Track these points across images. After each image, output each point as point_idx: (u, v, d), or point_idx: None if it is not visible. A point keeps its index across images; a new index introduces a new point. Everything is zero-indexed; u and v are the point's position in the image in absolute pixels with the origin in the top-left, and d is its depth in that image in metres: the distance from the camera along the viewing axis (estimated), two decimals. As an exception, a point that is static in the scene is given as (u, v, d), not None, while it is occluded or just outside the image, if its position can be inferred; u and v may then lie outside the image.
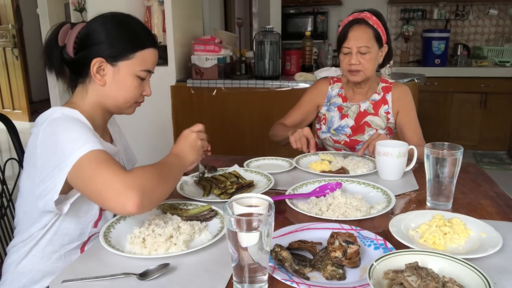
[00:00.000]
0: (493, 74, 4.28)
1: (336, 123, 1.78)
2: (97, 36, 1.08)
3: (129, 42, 1.09)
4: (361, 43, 1.62)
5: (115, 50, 1.08)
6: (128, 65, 1.10)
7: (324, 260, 0.83)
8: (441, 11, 4.73)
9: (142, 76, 1.12)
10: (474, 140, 4.44)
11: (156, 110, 2.92)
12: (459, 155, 1.10)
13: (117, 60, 1.09)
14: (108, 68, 1.09)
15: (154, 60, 1.16)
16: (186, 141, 1.10)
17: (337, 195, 1.13)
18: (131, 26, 1.12)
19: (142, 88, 1.15)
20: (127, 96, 1.13)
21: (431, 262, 0.77)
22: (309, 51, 3.09)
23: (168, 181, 1.00)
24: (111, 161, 0.94)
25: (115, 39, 1.08)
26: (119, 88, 1.11)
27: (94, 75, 1.08)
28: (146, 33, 1.15)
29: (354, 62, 1.63)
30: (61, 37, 1.09)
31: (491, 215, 1.09)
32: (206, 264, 0.87)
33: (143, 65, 1.12)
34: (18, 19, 5.85)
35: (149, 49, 1.13)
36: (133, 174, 0.92)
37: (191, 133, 1.11)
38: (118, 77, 1.10)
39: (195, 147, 1.10)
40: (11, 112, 5.96)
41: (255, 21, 5.18)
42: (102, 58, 1.07)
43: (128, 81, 1.11)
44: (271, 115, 2.72)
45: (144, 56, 1.12)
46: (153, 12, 3.00)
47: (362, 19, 1.64)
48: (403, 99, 1.73)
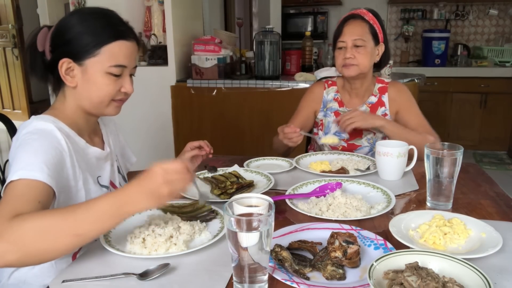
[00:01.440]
0: (493, 74, 4.28)
1: (333, 128, 1.74)
2: (63, 35, 1.03)
3: (92, 38, 1.02)
4: (355, 36, 1.59)
5: (79, 48, 1.02)
6: (95, 62, 1.03)
7: (324, 260, 0.83)
8: (441, 11, 4.73)
9: (114, 72, 1.04)
10: (474, 140, 4.44)
11: (156, 110, 2.93)
12: (459, 155, 1.10)
13: (82, 58, 1.02)
14: (77, 68, 1.03)
15: (127, 53, 1.06)
16: (148, 182, 0.82)
17: (337, 195, 1.13)
18: (95, 20, 1.04)
19: (119, 85, 1.08)
20: (100, 95, 1.06)
21: (431, 262, 0.77)
22: (309, 51, 3.09)
23: (67, 239, 0.79)
24: (18, 199, 0.85)
25: (78, 37, 1.02)
26: (90, 88, 1.05)
27: (63, 77, 1.04)
28: (113, 25, 1.05)
29: (349, 55, 1.59)
30: (40, 42, 1.05)
31: (491, 215, 1.09)
32: (206, 264, 0.87)
33: (112, 60, 1.03)
34: (18, 19, 5.85)
35: (117, 42, 1.03)
36: (10, 225, 0.77)
37: (159, 174, 0.82)
38: (87, 76, 1.04)
39: (156, 194, 0.82)
40: (11, 112, 5.96)
41: (255, 21, 5.18)
42: (68, 59, 1.02)
43: (98, 79, 1.04)
44: (271, 115, 2.73)
45: (112, 50, 1.03)
46: (153, 12, 3.01)
47: (358, 14, 1.63)
48: (400, 98, 1.69)
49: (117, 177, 1.24)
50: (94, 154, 1.13)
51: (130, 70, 1.10)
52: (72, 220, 0.80)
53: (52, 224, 0.79)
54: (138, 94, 3.17)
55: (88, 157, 1.11)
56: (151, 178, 0.82)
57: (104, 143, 1.22)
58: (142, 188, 0.82)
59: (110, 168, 1.20)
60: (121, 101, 1.12)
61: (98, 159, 1.15)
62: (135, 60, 1.11)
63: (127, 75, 1.09)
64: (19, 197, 0.86)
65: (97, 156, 1.14)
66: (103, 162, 1.18)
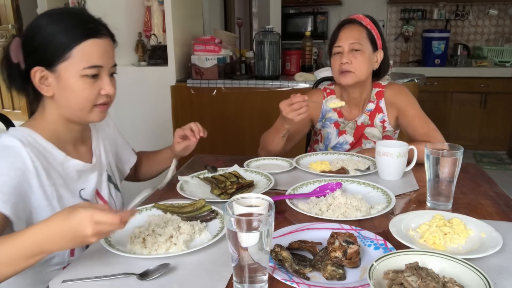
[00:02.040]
0: (493, 74, 4.28)
1: (333, 140, 1.70)
2: (31, 42, 0.97)
3: (61, 40, 0.95)
4: (352, 40, 1.52)
5: (48, 53, 0.95)
6: (67, 66, 0.96)
7: (324, 260, 0.83)
8: (441, 11, 4.73)
9: (89, 74, 0.97)
10: (474, 140, 4.45)
11: (156, 110, 2.92)
12: (459, 155, 1.10)
13: (53, 64, 0.96)
14: (50, 75, 0.97)
15: (100, 51, 0.99)
16: (74, 227, 0.75)
17: (337, 195, 1.13)
18: (62, 21, 0.97)
19: (98, 88, 1.00)
20: (78, 101, 0.99)
21: (431, 262, 0.77)
22: (309, 51, 3.09)
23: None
24: None
25: (46, 41, 0.95)
26: (67, 95, 0.98)
27: (38, 86, 0.98)
28: (82, 23, 0.98)
29: (345, 60, 1.52)
30: (13, 53, 0.98)
31: (491, 215, 1.09)
32: (206, 264, 0.86)
33: (86, 61, 0.97)
34: (18, 19, 5.85)
35: (88, 41, 0.97)
36: None
37: (88, 223, 0.75)
38: (62, 83, 0.97)
39: (79, 240, 0.76)
40: (11, 112, 5.95)
41: (255, 21, 5.18)
42: (40, 67, 0.96)
43: (74, 84, 0.97)
44: (271, 115, 2.71)
45: (84, 50, 0.96)
46: (153, 12, 3.00)
47: (355, 19, 1.57)
48: (397, 100, 1.61)
49: (105, 187, 1.18)
50: (76, 167, 1.07)
51: (108, 70, 1.02)
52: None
53: None
54: (138, 94, 3.19)
55: (68, 171, 1.05)
56: (78, 224, 0.75)
57: (93, 154, 1.16)
58: (66, 233, 0.76)
59: (98, 179, 1.15)
60: (105, 105, 1.05)
61: (80, 172, 1.09)
62: (112, 58, 1.04)
63: (105, 76, 1.02)
64: None
65: (78, 169, 1.08)
66: (87, 174, 1.12)
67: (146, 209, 1.11)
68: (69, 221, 0.76)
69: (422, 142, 1.40)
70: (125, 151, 1.37)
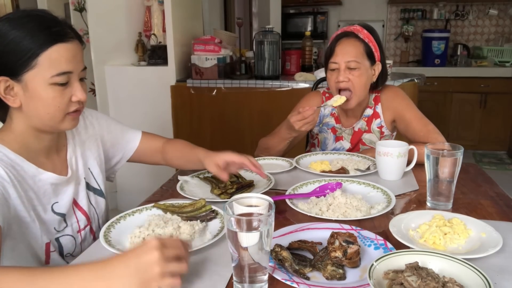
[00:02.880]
0: (492, 74, 4.28)
1: (330, 146, 1.69)
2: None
3: (24, 47, 0.88)
4: (349, 58, 1.48)
5: (12, 62, 0.88)
6: (34, 75, 0.90)
7: (324, 260, 0.83)
8: (441, 11, 4.73)
9: (58, 81, 0.91)
10: (474, 140, 4.45)
11: (156, 110, 2.92)
12: (459, 155, 1.10)
13: (19, 73, 0.89)
14: (16, 85, 0.91)
15: (68, 56, 0.92)
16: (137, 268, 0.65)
17: (337, 195, 1.13)
18: (24, 26, 0.89)
19: (68, 94, 0.94)
20: (49, 111, 0.93)
21: (431, 262, 0.77)
22: (309, 51, 3.09)
23: None
24: None
25: (8, 50, 0.88)
26: (36, 105, 0.92)
27: (3, 97, 0.91)
28: (46, 28, 0.90)
29: (342, 79, 1.48)
30: None
31: (491, 215, 1.09)
32: (206, 264, 0.86)
33: (54, 68, 0.90)
34: (18, 19, 5.84)
35: (54, 46, 0.90)
36: None
37: (155, 258, 0.65)
38: (29, 93, 0.91)
39: (145, 283, 0.65)
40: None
41: (255, 21, 5.18)
42: (4, 77, 0.89)
43: (42, 93, 0.91)
44: (271, 115, 2.73)
45: (51, 57, 0.90)
46: (153, 12, 3.00)
47: (352, 32, 1.51)
48: (393, 104, 1.60)
49: (84, 196, 1.12)
50: (49, 180, 1.01)
51: (78, 75, 0.96)
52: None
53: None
54: (138, 94, 3.19)
55: (40, 184, 1.00)
56: (146, 263, 0.65)
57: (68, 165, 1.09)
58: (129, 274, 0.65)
59: (75, 189, 1.09)
60: (77, 112, 0.99)
61: (54, 185, 1.03)
62: (81, 62, 0.97)
63: (75, 81, 0.95)
64: None
65: (52, 182, 1.02)
66: (62, 187, 1.06)
67: (146, 209, 1.11)
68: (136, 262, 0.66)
69: (423, 143, 1.39)
70: (123, 136, 1.29)
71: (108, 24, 2.89)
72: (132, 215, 1.08)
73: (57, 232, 1.04)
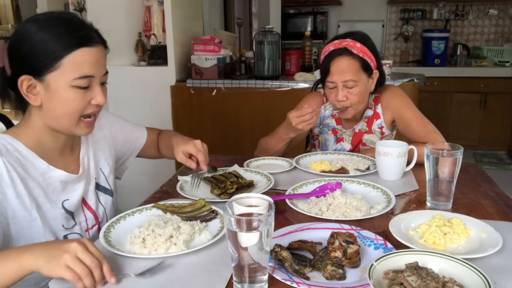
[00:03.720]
0: (492, 74, 4.28)
1: (331, 147, 1.69)
2: (19, 49, 0.92)
3: (50, 49, 0.90)
4: (346, 77, 1.46)
5: (37, 62, 0.91)
6: (57, 76, 0.92)
7: (324, 260, 0.83)
8: (441, 11, 4.74)
9: (80, 85, 0.94)
10: (474, 140, 4.45)
11: (156, 110, 2.92)
12: (459, 155, 1.10)
13: (42, 73, 0.91)
14: (38, 85, 0.93)
15: (92, 61, 0.95)
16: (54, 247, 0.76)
17: (337, 195, 1.13)
18: (51, 28, 0.92)
19: (88, 98, 0.97)
20: (66, 112, 0.95)
21: (431, 262, 0.77)
22: (309, 51, 3.09)
23: None
24: None
25: (34, 50, 0.90)
26: (55, 105, 0.94)
27: (25, 95, 0.94)
28: (72, 31, 0.93)
29: (341, 98, 1.49)
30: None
31: (491, 215, 1.09)
32: (206, 264, 0.86)
33: (76, 71, 0.92)
34: (18, 19, 5.84)
35: (79, 50, 0.92)
36: None
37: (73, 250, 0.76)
38: (50, 93, 0.93)
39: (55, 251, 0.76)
40: (11, 112, 5.93)
41: (255, 21, 5.18)
42: (28, 75, 0.92)
43: (63, 95, 0.93)
44: (271, 115, 2.73)
45: (75, 60, 0.92)
46: (153, 12, 3.00)
47: (345, 48, 1.47)
48: (392, 104, 1.60)
49: (92, 196, 1.14)
50: (59, 178, 1.03)
51: (99, 79, 0.98)
52: None
53: None
54: (138, 94, 3.19)
55: (50, 181, 1.01)
56: (64, 242, 0.77)
57: (80, 163, 1.12)
58: (50, 247, 0.77)
59: (84, 188, 1.11)
60: (92, 116, 1.02)
61: (64, 183, 1.05)
62: (104, 67, 0.99)
63: (97, 85, 0.98)
64: None
65: (62, 179, 1.04)
66: (73, 185, 1.08)
67: (146, 209, 1.11)
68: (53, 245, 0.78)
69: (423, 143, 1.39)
70: (133, 133, 1.34)
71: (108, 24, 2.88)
72: (132, 215, 1.08)
73: (65, 230, 1.05)
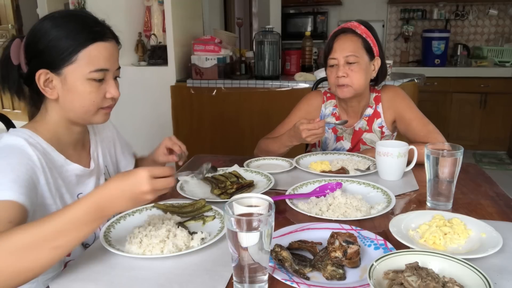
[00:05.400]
0: (492, 74, 4.28)
1: (331, 146, 1.69)
2: (36, 45, 0.96)
3: (67, 43, 0.95)
4: (347, 52, 1.48)
5: (54, 56, 0.95)
6: (73, 69, 0.96)
7: (324, 260, 0.83)
8: (441, 11, 4.73)
9: (95, 77, 0.98)
10: (474, 140, 4.45)
11: (156, 110, 2.93)
12: (459, 155, 1.10)
13: (59, 67, 0.96)
14: (55, 78, 0.97)
15: (106, 55, 0.99)
16: (132, 187, 0.80)
17: (337, 195, 1.13)
18: (67, 24, 0.97)
19: (103, 91, 1.02)
20: (83, 104, 1.00)
21: (431, 262, 0.77)
22: (309, 51, 3.09)
23: (43, 254, 0.76)
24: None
25: (51, 44, 0.95)
26: (72, 98, 0.99)
27: (42, 89, 0.98)
28: (88, 26, 0.98)
29: (341, 74, 1.49)
30: (14, 54, 0.99)
31: (491, 215, 1.09)
32: (206, 264, 0.86)
33: (92, 65, 0.97)
34: (18, 19, 5.85)
35: (94, 44, 0.97)
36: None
37: (146, 181, 0.80)
38: (67, 86, 0.98)
39: (138, 200, 0.82)
40: (11, 112, 5.95)
41: (255, 21, 5.18)
42: (45, 69, 0.96)
43: (79, 87, 0.98)
44: (271, 115, 2.73)
45: (90, 54, 0.97)
46: (153, 12, 3.01)
47: (349, 28, 1.52)
48: (393, 104, 1.60)
49: None
50: (74, 171, 1.08)
51: (113, 73, 1.03)
52: (47, 232, 0.76)
53: (27, 241, 0.74)
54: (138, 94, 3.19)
55: (67, 174, 1.06)
56: (136, 184, 0.80)
57: (91, 158, 1.16)
58: (125, 193, 0.80)
59: (95, 183, 1.15)
60: (109, 108, 1.06)
61: (79, 176, 1.09)
62: (117, 62, 1.04)
63: (110, 79, 1.03)
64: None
65: (77, 173, 1.09)
66: (85, 179, 1.12)
67: (146, 209, 1.11)
68: (127, 180, 0.80)
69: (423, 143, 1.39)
70: (124, 155, 1.34)
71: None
72: (132, 215, 1.08)
73: None
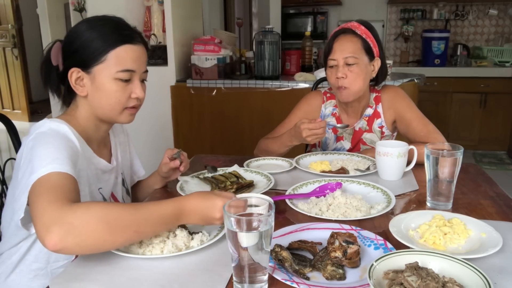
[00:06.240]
0: (492, 74, 4.28)
1: (331, 146, 1.69)
2: (71, 45, 1.05)
3: (98, 44, 1.02)
4: (347, 53, 1.48)
5: (86, 55, 1.03)
6: (102, 69, 1.03)
7: (324, 260, 0.83)
8: (441, 11, 4.73)
9: (122, 77, 1.04)
10: (474, 140, 4.45)
11: (156, 110, 2.92)
12: (459, 155, 1.10)
13: (90, 66, 1.03)
14: (86, 76, 1.05)
15: (134, 57, 1.06)
16: (207, 211, 0.89)
17: (337, 195, 1.13)
18: (100, 27, 1.05)
19: (129, 91, 1.07)
20: (110, 102, 1.06)
21: (431, 262, 0.77)
22: (309, 51, 3.09)
23: (126, 233, 0.82)
24: (62, 188, 0.84)
25: (84, 45, 1.03)
26: (100, 96, 1.06)
27: (74, 86, 1.05)
28: (118, 29, 1.06)
29: (340, 75, 1.49)
30: (54, 56, 1.07)
31: (491, 215, 1.09)
32: (206, 264, 0.86)
33: (119, 65, 1.03)
34: (18, 19, 5.85)
35: (122, 46, 1.03)
36: (72, 209, 0.78)
37: (219, 209, 0.88)
38: (96, 84, 1.05)
39: (208, 221, 0.91)
40: (11, 112, 5.96)
41: (255, 21, 5.18)
42: (77, 68, 1.04)
43: (107, 86, 1.04)
44: (271, 115, 2.73)
45: (118, 55, 1.03)
46: (153, 12, 3.01)
47: (349, 28, 1.52)
48: (393, 104, 1.60)
49: (120, 190, 1.24)
50: (99, 166, 1.14)
51: (140, 75, 1.08)
52: (137, 217, 0.83)
53: (118, 217, 0.81)
54: (138, 94, 3.14)
55: (93, 167, 1.11)
56: (210, 208, 0.89)
57: (112, 156, 1.22)
58: (200, 212, 0.89)
59: (114, 181, 1.21)
60: (134, 109, 1.12)
61: (102, 171, 1.15)
62: (144, 65, 1.10)
63: (136, 80, 1.08)
64: (61, 187, 0.84)
65: (101, 168, 1.15)
66: (107, 175, 1.18)
67: None
68: (205, 203, 0.89)
69: (423, 143, 1.38)
70: (135, 161, 1.39)
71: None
72: None
73: None
